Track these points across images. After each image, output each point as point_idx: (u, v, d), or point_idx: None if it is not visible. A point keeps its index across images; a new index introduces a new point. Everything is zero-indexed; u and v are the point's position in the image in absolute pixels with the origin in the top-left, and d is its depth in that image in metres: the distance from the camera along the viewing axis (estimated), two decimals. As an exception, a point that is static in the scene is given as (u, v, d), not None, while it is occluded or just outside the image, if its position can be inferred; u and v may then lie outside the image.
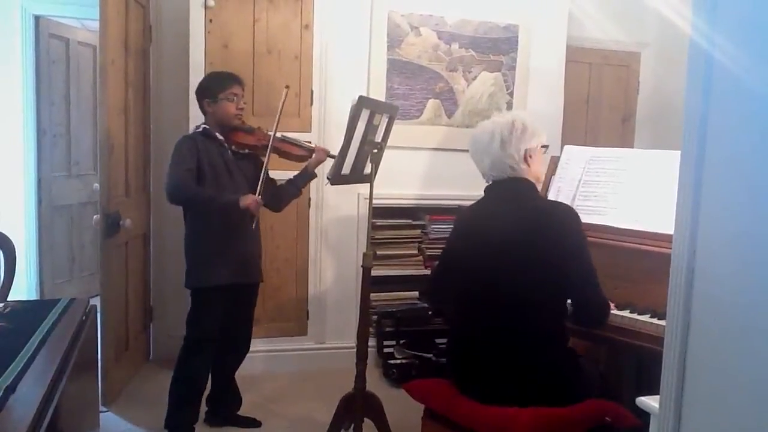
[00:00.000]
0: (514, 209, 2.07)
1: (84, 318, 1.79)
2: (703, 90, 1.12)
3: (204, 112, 2.83)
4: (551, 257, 1.96)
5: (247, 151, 2.84)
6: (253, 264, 2.89)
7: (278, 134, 2.80)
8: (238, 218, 2.67)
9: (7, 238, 2.69)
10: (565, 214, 2.05)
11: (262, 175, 2.71)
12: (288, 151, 2.86)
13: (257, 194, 2.66)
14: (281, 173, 3.04)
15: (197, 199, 2.66)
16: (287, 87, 2.80)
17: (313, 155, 2.86)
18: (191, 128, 3.32)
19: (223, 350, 2.86)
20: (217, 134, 2.77)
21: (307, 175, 2.92)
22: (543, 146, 2.20)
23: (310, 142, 3.08)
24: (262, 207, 2.88)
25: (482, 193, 2.21)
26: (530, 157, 2.13)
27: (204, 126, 2.78)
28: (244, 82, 2.86)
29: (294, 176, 2.95)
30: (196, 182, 2.65)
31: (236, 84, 2.79)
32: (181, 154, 2.66)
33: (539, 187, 2.26)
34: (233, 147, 2.80)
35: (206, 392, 2.93)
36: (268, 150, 2.75)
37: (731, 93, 1.09)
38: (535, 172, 2.18)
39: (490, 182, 2.18)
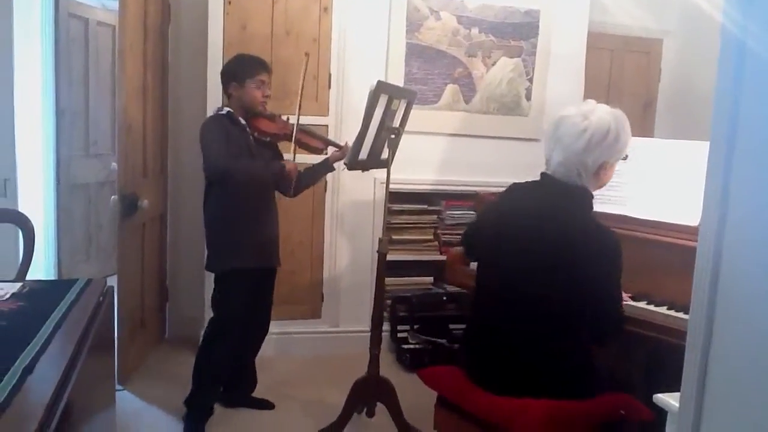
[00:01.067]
0: (559, 213, 1.96)
1: (101, 299, 1.79)
2: (734, 78, 1.09)
3: (228, 95, 2.80)
4: (578, 269, 1.89)
5: (268, 139, 2.84)
6: (274, 248, 2.90)
7: (299, 124, 2.78)
8: (265, 197, 2.78)
9: (26, 217, 2.71)
10: (606, 240, 1.92)
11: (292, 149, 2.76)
12: (307, 142, 2.85)
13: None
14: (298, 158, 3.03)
15: (247, 170, 2.68)
16: (307, 54, 2.79)
17: (338, 152, 2.86)
18: (209, 108, 3.32)
19: (243, 334, 2.87)
20: (241, 119, 2.76)
21: (326, 167, 2.93)
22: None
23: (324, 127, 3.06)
24: (276, 192, 2.90)
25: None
26: (604, 169, 2.00)
27: (228, 109, 2.77)
28: (272, 69, 2.84)
29: (313, 165, 2.95)
30: None
31: (264, 71, 2.77)
32: (215, 133, 2.64)
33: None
34: (255, 134, 2.79)
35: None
36: (293, 141, 2.75)
37: (764, 81, 1.06)
38: (601, 182, 2.05)
39: (550, 173, 2.02)
